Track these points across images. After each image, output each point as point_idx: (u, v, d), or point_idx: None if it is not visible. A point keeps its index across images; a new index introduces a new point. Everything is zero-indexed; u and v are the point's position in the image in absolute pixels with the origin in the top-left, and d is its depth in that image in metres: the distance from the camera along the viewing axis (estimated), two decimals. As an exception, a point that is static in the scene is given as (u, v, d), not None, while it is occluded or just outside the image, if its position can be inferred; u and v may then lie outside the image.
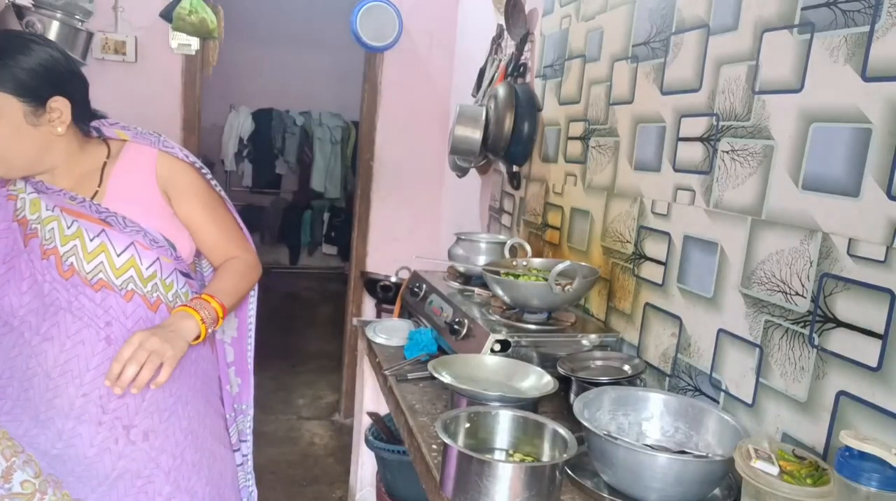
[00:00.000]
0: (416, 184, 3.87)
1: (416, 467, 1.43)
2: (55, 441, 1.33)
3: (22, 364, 1.34)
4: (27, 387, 1.34)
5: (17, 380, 1.35)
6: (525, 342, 1.70)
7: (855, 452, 0.91)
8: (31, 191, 1.36)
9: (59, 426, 1.33)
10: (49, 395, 1.33)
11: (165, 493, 1.39)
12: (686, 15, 1.60)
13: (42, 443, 1.32)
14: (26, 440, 1.32)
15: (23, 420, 1.33)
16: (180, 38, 3.31)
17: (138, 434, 1.36)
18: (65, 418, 1.33)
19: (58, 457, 1.33)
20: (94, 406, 1.33)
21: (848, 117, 1.14)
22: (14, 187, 1.38)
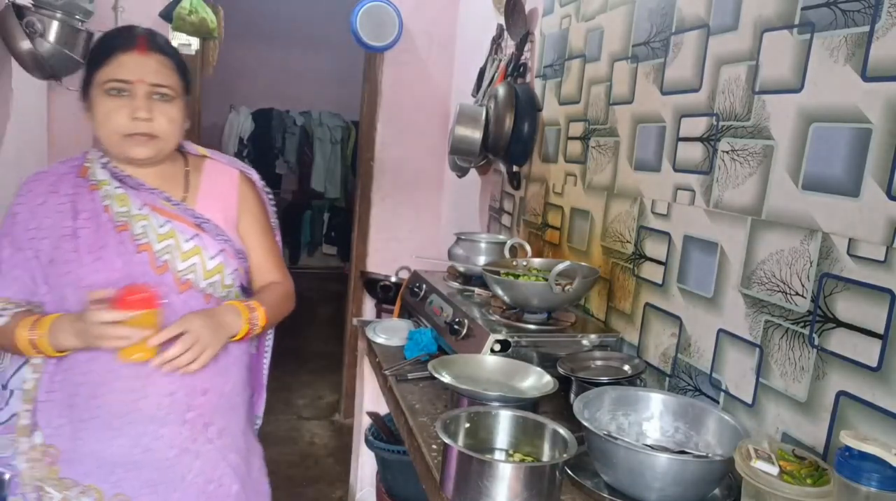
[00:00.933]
0: (416, 184, 3.87)
1: (416, 467, 1.43)
2: (132, 448, 1.31)
3: (102, 366, 1.28)
4: (104, 393, 1.29)
5: (89, 386, 1.29)
6: (525, 342, 1.70)
7: (855, 452, 0.91)
8: (118, 186, 1.32)
9: (138, 430, 1.31)
10: (134, 396, 1.30)
11: (234, 492, 1.42)
12: (686, 15, 1.60)
13: (115, 453, 1.30)
14: (98, 458, 1.30)
15: (89, 435, 1.29)
16: (180, 38, 3.31)
17: (214, 432, 1.39)
18: (146, 421, 1.31)
19: (134, 465, 1.31)
20: (180, 404, 1.33)
21: (848, 117, 1.14)
22: (96, 177, 1.33)
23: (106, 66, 1.24)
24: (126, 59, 1.24)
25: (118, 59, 1.24)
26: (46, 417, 1.31)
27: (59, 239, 1.28)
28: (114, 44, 1.25)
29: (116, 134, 1.27)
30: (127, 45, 1.24)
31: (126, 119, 1.26)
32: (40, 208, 1.30)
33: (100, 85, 1.25)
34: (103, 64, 1.24)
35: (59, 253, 1.28)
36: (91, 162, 1.35)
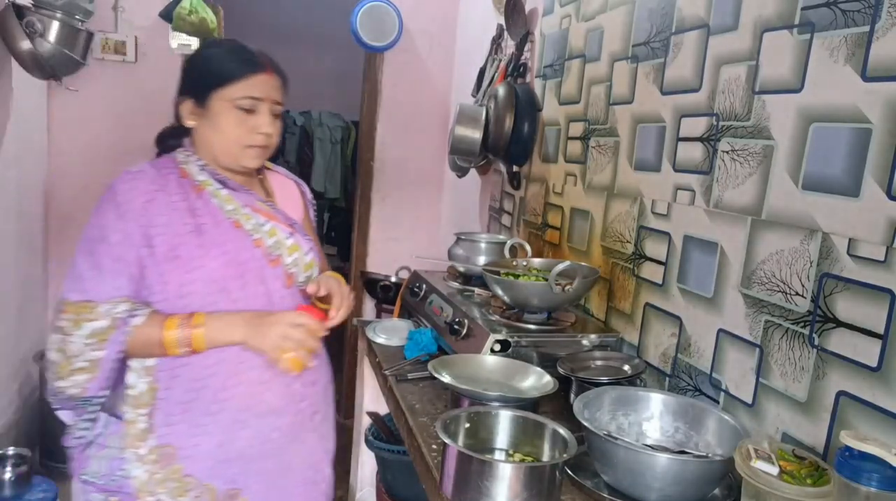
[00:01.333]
0: (416, 184, 3.87)
1: (416, 467, 1.43)
2: (252, 439, 1.35)
3: (233, 359, 1.32)
4: (233, 385, 1.32)
5: (217, 379, 1.31)
6: (525, 342, 1.70)
7: (855, 452, 0.91)
8: (220, 187, 1.36)
9: (261, 422, 1.35)
10: (261, 388, 1.34)
11: (328, 476, 1.54)
12: (686, 15, 1.60)
13: (238, 447, 1.33)
14: (219, 451, 1.31)
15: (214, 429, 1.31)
16: (180, 38, 3.31)
17: (318, 420, 1.48)
18: (268, 412, 1.36)
19: (251, 457, 1.35)
20: (296, 394, 1.41)
21: (848, 117, 1.14)
22: (197, 178, 1.36)
23: (239, 83, 1.31)
24: (259, 79, 1.33)
25: (254, 79, 1.32)
26: (164, 417, 1.30)
27: (183, 235, 1.29)
28: (247, 64, 1.32)
29: (238, 144, 1.34)
30: (260, 66, 1.33)
31: (249, 132, 1.33)
32: (151, 205, 1.29)
33: (231, 100, 1.31)
34: (236, 81, 1.31)
35: (185, 248, 1.29)
36: (186, 164, 1.37)
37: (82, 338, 1.23)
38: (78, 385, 1.24)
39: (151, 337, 1.26)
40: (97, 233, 1.28)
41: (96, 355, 1.23)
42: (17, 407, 3.01)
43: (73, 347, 1.23)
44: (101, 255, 1.27)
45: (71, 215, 3.38)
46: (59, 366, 1.24)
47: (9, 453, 2.30)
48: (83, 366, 1.23)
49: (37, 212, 3.22)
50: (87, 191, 3.37)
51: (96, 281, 1.26)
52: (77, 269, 1.28)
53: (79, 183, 3.35)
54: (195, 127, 1.36)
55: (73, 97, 3.16)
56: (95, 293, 1.25)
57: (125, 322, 1.24)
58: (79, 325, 1.23)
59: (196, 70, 1.35)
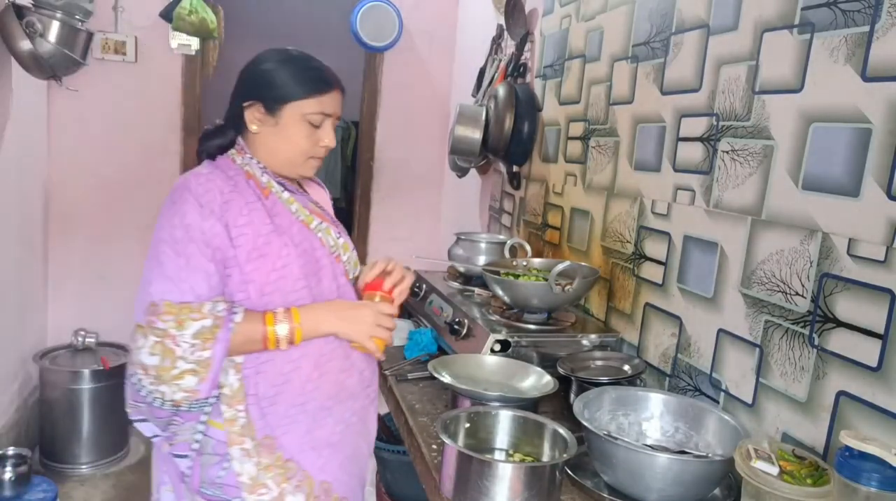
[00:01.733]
0: (416, 184, 3.87)
1: (416, 467, 1.43)
2: (336, 425, 1.38)
3: (317, 349, 1.35)
4: (320, 374, 1.35)
5: (304, 370, 1.33)
6: (525, 342, 1.70)
7: (855, 452, 0.91)
8: (282, 189, 1.38)
9: (343, 407, 1.39)
10: (343, 375, 1.38)
11: (371, 465, 1.56)
12: (686, 15, 1.60)
13: (326, 434, 1.37)
14: (308, 438, 1.34)
15: (305, 416, 1.34)
16: (180, 38, 3.31)
17: (374, 409, 1.51)
18: (348, 398, 1.40)
19: (335, 445, 1.38)
20: (366, 379, 1.44)
21: (848, 117, 1.14)
22: (261, 180, 1.37)
23: (314, 100, 1.34)
24: (332, 97, 1.37)
25: (327, 96, 1.36)
26: (258, 410, 1.30)
27: (266, 235, 1.30)
28: (324, 83, 1.36)
29: (303, 155, 1.37)
30: (333, 84, 1.37)
31: (314, 144, 1.37)
32: (229, 205, 1.28)
33: (303, 113, 1.34)
34: (312, 97, 1.34)
35: (269, 247, 1.30)
36: (248, 166, 1.37)
37: (188, 339, 1.20)
38: (187, 388, 1.21)
39: (253, 334, 1.26)
40: (182, 234, 1.24)
41: (204, 355, 1.21)
42: (18, 407, 3.01)
43: (178, 349, 1.20)
44: (194, 255, 1.24)
45: (71, 215, 3.38)
46: (159, 370, 1.20)
47: (9, 453, 2.30)
48: (190, 368, 1.21)
49: (37, 212, 3.22)
50: (87, 191, 3.38)
51: (193, 281, 1.23)
52: (167, 270, 1.23)
53: (79, 183, 3.36)
54: (257, 132, 1.36)
55: (73, 97, 3.16)
56: (195, 293, 1.23)
57: (229, 319, 1.23)
58: (183, 325, 1.20)
59: (272, 79, 1.34)
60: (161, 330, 1.20)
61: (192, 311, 1.21)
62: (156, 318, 1.20)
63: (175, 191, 1.29)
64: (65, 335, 3.37)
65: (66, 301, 3.43)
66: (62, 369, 3.11)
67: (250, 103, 1.35)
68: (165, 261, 1.24)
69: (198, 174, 1.31)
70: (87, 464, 3.14)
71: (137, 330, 1.22)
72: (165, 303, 1.21)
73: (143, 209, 3.46)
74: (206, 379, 1.22)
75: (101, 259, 3.45)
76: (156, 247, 1.26)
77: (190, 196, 1.27)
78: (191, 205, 1.26)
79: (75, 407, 3.09)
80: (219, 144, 1.38)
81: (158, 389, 1.21)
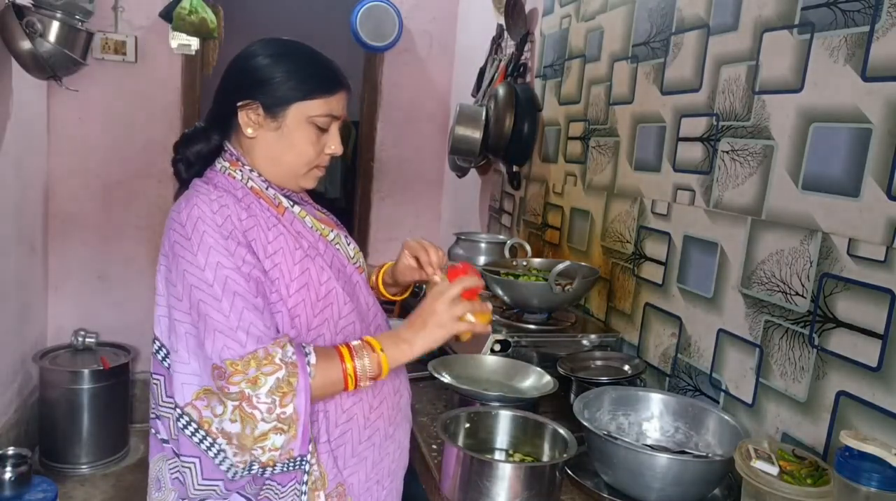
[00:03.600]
0: (416, 184, 3.87)
1: (416, 467, 1.43)
2: (396, 450, 1.27)
3: None
4: (381, 400, 1.23)
5: (366, 401, 1.21)
6: (525, 342, 1.70)
7: (855, 452, 0.91)
8: (291, 203, 1.22)
9: (400, 432, 1.28)
10: (397, 397, 1.26)
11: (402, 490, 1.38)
12: (686, 15, 1.60)
13: (388, 462, 1.26)
14: (374, 472, 1.22)
15: (371, 450, 1.22)
16: (180, 38, 3.31)
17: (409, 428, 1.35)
18: (404, 420, 1.29)
19: (394, 473, 1.28)
20: (409, 396, 1.33)
21: (848, 117, 1.14)
22: (269, 195, 1.19)
23: (321, 101, 1.17)
24: (340, 97, 1.20)
25: (337, 96, 1.19)
26: (328, 457, 1.16)
27: (301, 261, 1.14)
28: (335, 81, 1.19)
29: (307, 164, 1.20)
30: (344, 84, 1.20)
31: (318, 151, 1.20)
32: (249, 234, 1.11)
33: (310, 116, 1.16)
34: (321, 97, 1.17)
35: (308, 275, 1.15)
36: (250, 181, 1.19)
37: (264, 398, 1.01)
38: (274, 447, 1.03)
39: (331, 374, 1.08)
40: (214, 274, 1.05)
41: (287, 412, 1.03)
42: (17, 407, 3.01)
43: (257, 412, 1.01)
44: (237, 294, 1.06)
45: (71, 215, 3.38)
46: (241, 437, 1.02)
47: (9, 453, 2.29)
48: (272, 427, 1.02)
49: (37, 212, 3.22)
50: (87, 190, 3.38)
51: (247, 324, 1.05)
52: (214, 323, 1.04)
53: (79, 183, 3.36)
54: (254, 137, 1.17)
55: (73, 97, 3.16)
56: (254, 336, 1.04)
57: (303, 364, 1.05)
58: (257, 383, 1.02)
59: (272, 75, 1.15)
60: (236, 394, 1.01)
61: (263, 364, 1.03)
62: (225, 383, 1.02)
63: (185, 225, 1.08)
64: (65, 335, 3.37)
65: (66, 301, 3.43)
66: (62, 369, 3.11)
67: (246, 103, 1.15)
68: (208, 312, 1.05)
69: (206, 200, 1.10)
70: (87, 464, 3.14)
71: (212, 396, 1.04)
72: (228, 363, 1.02)
73: (143, 209, 3.47)
74: (297, 437, 1.05)
75: (100, 259, 3.45)
76: (189, 297, 1.06)
77: (207, 227, 1.08)
78: (213, 238, 1.07)
79: (75, 407, 3.09)
80: (199, 151, 1.19)
81: (242, 458, 1.04)
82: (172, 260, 1.09)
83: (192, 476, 1.07)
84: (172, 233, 1.09)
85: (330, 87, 1.18)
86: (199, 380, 1.05)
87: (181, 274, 1.07)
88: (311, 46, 1.22)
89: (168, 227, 1.11)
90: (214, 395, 1.03)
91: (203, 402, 1.04)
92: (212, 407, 1.03)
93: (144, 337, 3.53)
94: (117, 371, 3.18)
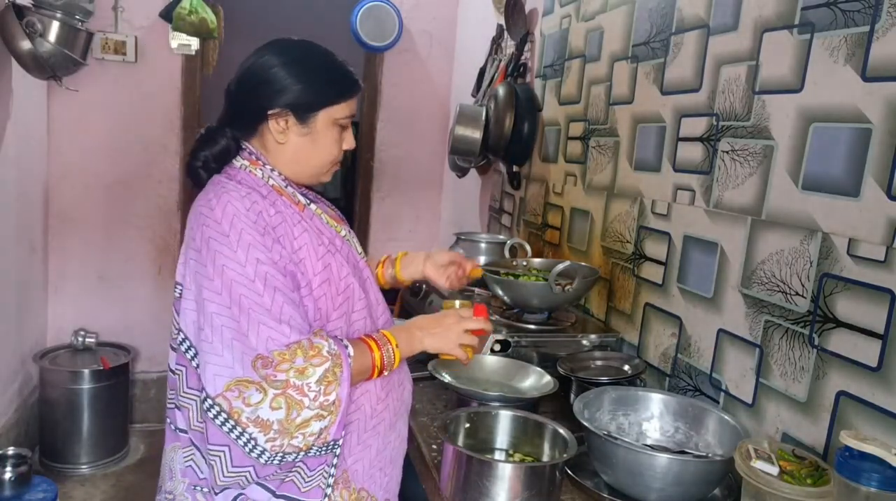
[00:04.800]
0: (416, 184, 3.87)
1: (416, 467, 1.43)
2: (397, 440, 1.33)
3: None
4: (388, 392, 1.28)
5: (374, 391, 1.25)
6: (525, 342, 1.70)
7: (855, 452, 0.91)
8: (307, 201, 1.28)
9: (401, 422, 1.34)
10: (402, 390, 1.33)
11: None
12: (686, 15, 1.60)
13: (391, 452, 1.31)
14: (377, 460, 1.27)
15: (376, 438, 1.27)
16: (180, 38, 3.31)
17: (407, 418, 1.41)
18: (405, 411, 1.35)
19: (395, 461, 1.33)
20: (412, 388, 1.40)
21: (848, 117, 1.14)
22: (288, 192, 1.24)
23: (345, 103, 1.25)
24: (354, 99, 1.28)
25: (353, 99, 1.27)
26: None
27: (323, 257, 1.20)
28: (354, 83, 1.27)
29: (331, 162, 1.28)
30: (360, 84, 1.29)
31: (340, 149, 1.28)
32: (280, 229, 1.16)
33: (335, 118, 1.24)
34: (344, 100, 1.24)
35: (330, 271, 1.20)
36: (271, 179, 1.23)
37: (314, 386, 1.08)
38: (314, 432, 1.09)
39: (364, 364, 1.17)
40: (255, 269, 1.10)
41: (330, 399, 1.09)
42: (17, 407, 3.01)
43: (305, 399, 1.07)
44: (278, 289, 1.11)
45: (71, 215, 3.38)
46: (285, 423, 1.07)
47: (9, 453, 2.29)
48: (315, 414, 1.09)
49: (37, 212, 3.22)
50: (87, 190, 3.38)
51: (288, 317, 1.10)
52: (257, 315, 1.09)
53: (79, 183, 3.36)
54: (285, 142, 1.22)
55: (73, 97, 3.16)
56: (296, 328, 1.10)
57: (346, 355, 1.12)
58: (305, 373, 1.08)
59: (301, 84, 1.20)
60: (282, 382, 1.06)
61: (310, 355, 1.09)
62: (272, 371, 1.07)
63: (222, 222, 1.11)
64: (65, 335, 3.37)
65: (66, 301, 3.43)
66: (62, 369, 3.11)
67: (277, 111, 1.19)
68: (251, 306, 1.09)
69: (238, 197, 1.14)
70: (87, 464, 3.14)
71: (246, 387, 1.07)
72: (276, 353, 1.07)
73: (143, 209, 3.47)
74: (335, 422, 1.11)
75: (101, 259, 3.45)
76: (229, 292, 1.09)
77: (244, 224, 1.12)
78: (251, 235, 1.12)
79: (75, 407, 3.09)
80: (219, 152, 1.22)
81: (280, 443, 1.08)
82: (208, 254, 1.11)
83: (223, 464, 1.11)
84: (206, 228, 1.12)
85: (351, 89, 1.25)
86: (231, 372, 1.08)
87: (220, 269, 1.10)
88: (323, 47, 1.26)
89: (198, 223, 1.14)
90: (252, 385, 1.07)
91: (234, 393, 1.07)
92: (244, 397, 1.06)
93: (144, 337, 3.53)
94: (117, 371, 3.18)
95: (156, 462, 1.57)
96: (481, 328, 1.28)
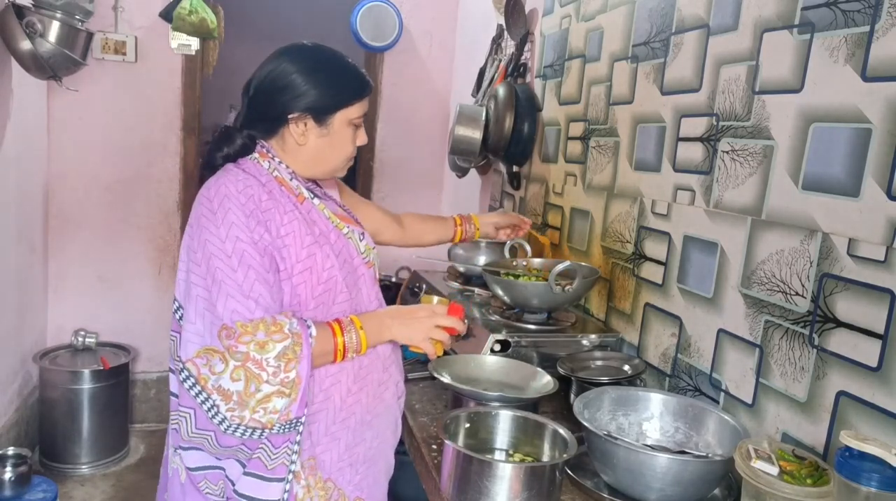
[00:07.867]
0: (416, 184, 3.87)
1: (416, 467, 1.43)
2: (374, 440, 1.35)
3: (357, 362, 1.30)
4: (360, 388, 1.31)
5: (344, 385, 1.28)
6: (525, 342, 1.70)
7: (855, 452, 0.91)
8: (314, 196, 1.33)
9: (380, 421, 1.36)
10: (380, 389, 1.35)
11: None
12: (686, 15, 1.60)
13: (364, 449, 1.33)
14: (346, 455, 1.30)
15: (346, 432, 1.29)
16: (180, 38, 3.31)
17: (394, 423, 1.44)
18: (384, 411, 1.37)
19: (371, 458, 1.35)
20: (399, 390, 1.43)
21: (848, 117, 1.14)
22: (291, 185, 1.30)
23: (359, 104, 1.32)
24: (367, 99, 1.35)
25: (366, 99, 1.34)
26: (305, 431, 1.24)
27: (310, 245, 1.25)
28: (366, 84, 1.34)
29: (347, 158, 1.36)
30: (371, 84, 1.36)
31: (354, 146, 1.36)
32: (268, 215, 1.21)
33: (350, 119, 1.31)
34: (356, 101, 1.31)
35: (314, 260, 1.25)
36: (277, 171, 1.29)
37: (273, 362, 1.12)
38: (275, 410, 1.13)
39: (326, 346, 1.20)
40: (234, 246, 1.16)
41: (290, 376, 1.13)
42: (17, 407, 3.01)
43: (264, 373, 1.12)
44: (252, 267, 1.16)
45: (71, 215, 3.38)
46: (243, 396, 1.11)
47: (9, 453, 2.29)
48: (276, 390, 1.13)
49: (37, 212, 3.21)
50: (87, 190, 3.38)
51: (258, 295, 1.15)
52: (227, 288, 1.14)
53: (79, 183, 3.36)
54: (304, 144, 1.29)
55: (73, 97, 3.16)
56: (263, 306, 1.15)
57: (307, 334, 1.16)
58: (265, 348, 1.12)
59: (319, 88, 1.26)
60: (242, 354, 1.11)
61: (272, 331, 1.13)
62: (234, 342, 1.12)
63: (213, 200, 1.19)
64: (65, 335, 3.37)
65: (66, 301, 3.43)
66: (62, 369, 3.11)
67: (297, 115, 1.26)
68: (224, 278, 1.15)
69: (234, 180, 1.22)
70: (87, 464, 3.14)
71: (212, 355, 1.12)
72: (239, 324, 1.12)
73: (143, 209, 3.47)
74: (297, 400, 1.15)
75: (101, 259, 3.45)
76: (207, 264, 1.16)
77: (232, 204, 1.18)
78: (236, 215, 1.18)
79: (75, 407, 3.09)
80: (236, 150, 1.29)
81: (239, 414, 1.12)
82: (196, 229, 1.19)
83: (188, 425, 1.18)
84: (200, 207, 1.21)
85: (364, 90, 1.32)
86: (202, 340, 1.14)
87: (203, 243, 1.17)
88: (334, 50, 1.33)
89: (197, 202, 1.23)
90: (217, 354, 1.13)
91: (202, 360, 1.13)
92: (210, 365, 1.13)
93: (144, 337, 3.53)
94: (117, 371, 3.18)
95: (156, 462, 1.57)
96: (453, 326, 1.30)
